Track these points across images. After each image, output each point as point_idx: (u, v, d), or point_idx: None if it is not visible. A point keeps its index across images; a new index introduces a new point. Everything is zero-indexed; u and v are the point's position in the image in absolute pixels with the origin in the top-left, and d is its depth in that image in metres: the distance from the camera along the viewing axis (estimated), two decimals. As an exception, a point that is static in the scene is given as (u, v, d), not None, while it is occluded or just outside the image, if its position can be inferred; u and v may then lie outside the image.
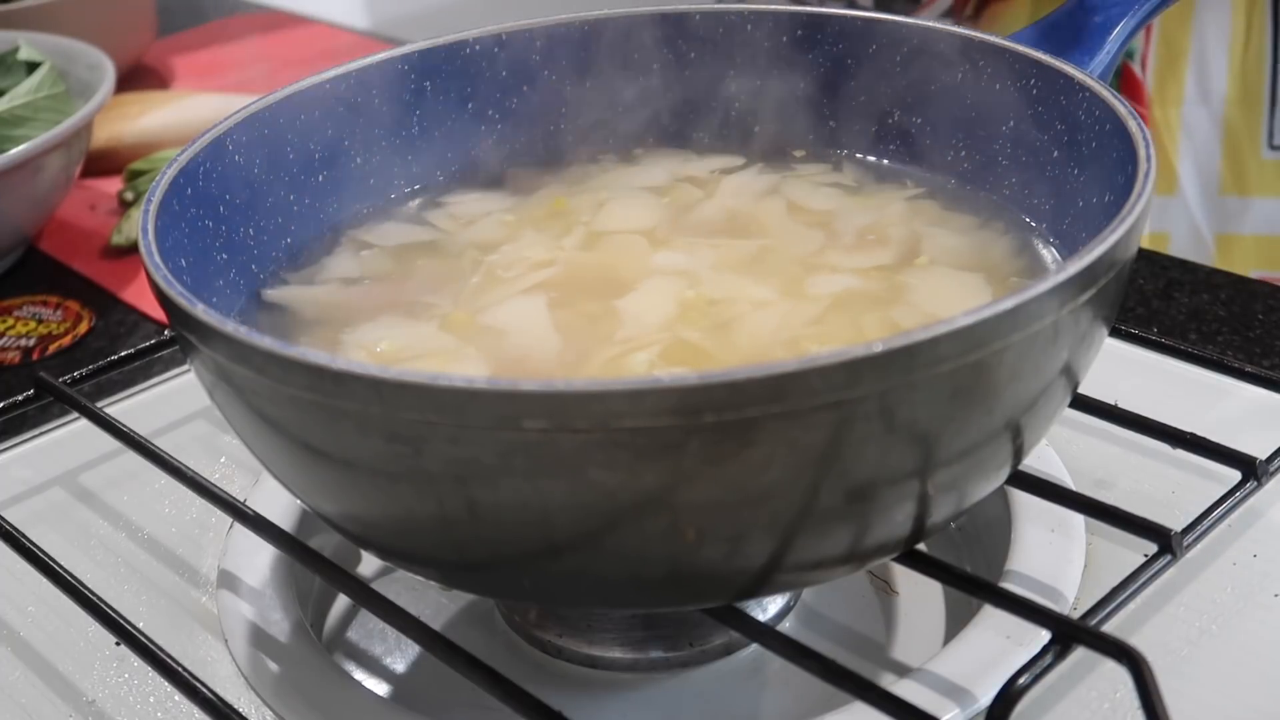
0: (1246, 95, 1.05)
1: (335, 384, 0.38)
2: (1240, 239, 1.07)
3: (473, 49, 0.63)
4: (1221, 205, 1.07)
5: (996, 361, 0.39)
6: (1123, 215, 0.42)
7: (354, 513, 0.45)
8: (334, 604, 0.61)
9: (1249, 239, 1.07)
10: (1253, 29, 1.04)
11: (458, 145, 0.64)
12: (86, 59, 1.00)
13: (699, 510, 0.39)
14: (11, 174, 0.86)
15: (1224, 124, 1.06)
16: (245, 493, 0.62)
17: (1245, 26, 1.04)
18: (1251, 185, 1.06)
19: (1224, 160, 1.06)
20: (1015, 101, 0.56)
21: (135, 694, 0.53)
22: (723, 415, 0.37)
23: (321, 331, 0.53)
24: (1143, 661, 0.42)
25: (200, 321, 0.41)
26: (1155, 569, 0.50)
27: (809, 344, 0.49)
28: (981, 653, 0.49)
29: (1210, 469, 0.57)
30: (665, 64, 0.64)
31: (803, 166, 0.63)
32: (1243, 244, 1.07)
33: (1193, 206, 1.06)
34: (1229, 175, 1.07)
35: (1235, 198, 1.06)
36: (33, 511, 0.64)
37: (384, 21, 2.79)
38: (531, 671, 0.55)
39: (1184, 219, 1.07)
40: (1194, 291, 0.76)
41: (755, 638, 0.48)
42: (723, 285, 0.53)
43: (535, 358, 0.49)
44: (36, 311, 0.87)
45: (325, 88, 0.59)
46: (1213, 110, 1.06)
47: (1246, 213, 1.07)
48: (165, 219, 0.49)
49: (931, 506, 0.43)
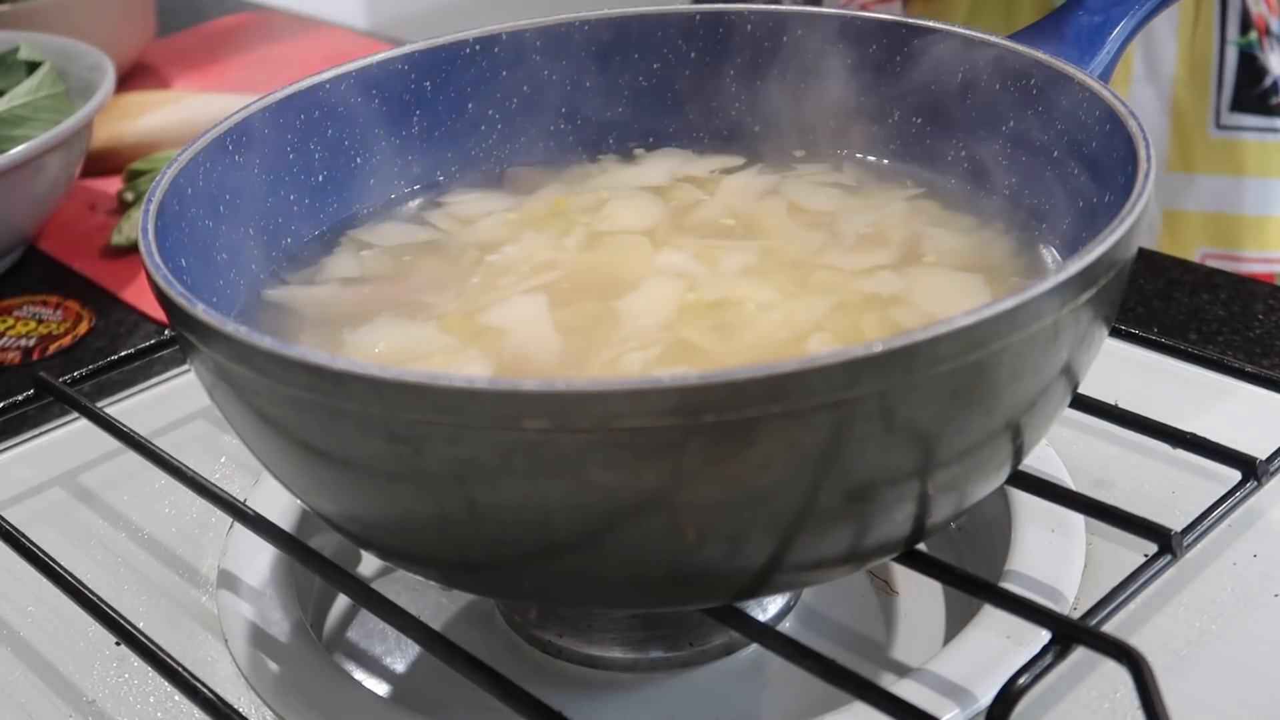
0: (1195, 76, 1.07)
1: (335, 384, 0.38)
2: (1187, 215, 1.09)
3: (473, 49, 0.63)
4: (1169, 181, 1.09)
5: (996, 361, 0.39)
6: (1123, 215, 0.42)
7: (354, 513, 0.45)
8: (334, 604, 0.61)
9: (1195, 215, 1.09)
10: (1201, 11, 1.06)
11: (458, 145, 0.64)
12: (86, 59, 1.00)
13: (699, 510, 0.39)
14: (11, 174, 0.86)
15: (1172, 103, 1.07)
16: (245, 493, 0.62)
17: (1194, 8, 1.06)
18: (1198, 163, 1.08)
19: (1172, 138, 1.08)
20: (1015, 101, 0.56)
21: (135, 694, 0.53)
22: (723, 415, 0.37)
23: (322, 331, 0.53)
24: (1143, 661, 0.42)
25: (200, 321, 0.41)
26: (1155, 569, 0.50)
27: (809, 344, 0.49)
28: (981, 653, 0.49)
29: (1210, 469, 0.57)
30: (665, 63, 0.64)
31: (803, 166, 0.63)
32: (1189, 220, 1.09)
33: None
34: (1176, 153, 1.08)
35: (1182, 174, 1.08)
36: (33, 511, 0.64)
37: (384, 21, 2.80)
38: (531, 671, 0.55)
39: None
40: (1194, 291, 0.76)
41: (755, 638, 0.48)
42: (723, 285, 0.53)
43: (535, 358, 0.49)
44: (36, 311, 0.87)
45: (325, 88, 0.59)
46: (1161, 89, 1.07)
47: (1192, 189, 1.08)
48: (165, 219, 0.49)
49: (931, 506, 0.43)
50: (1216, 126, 1.07)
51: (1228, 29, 1.05)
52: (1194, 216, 1.09)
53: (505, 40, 0.63)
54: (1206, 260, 1.09)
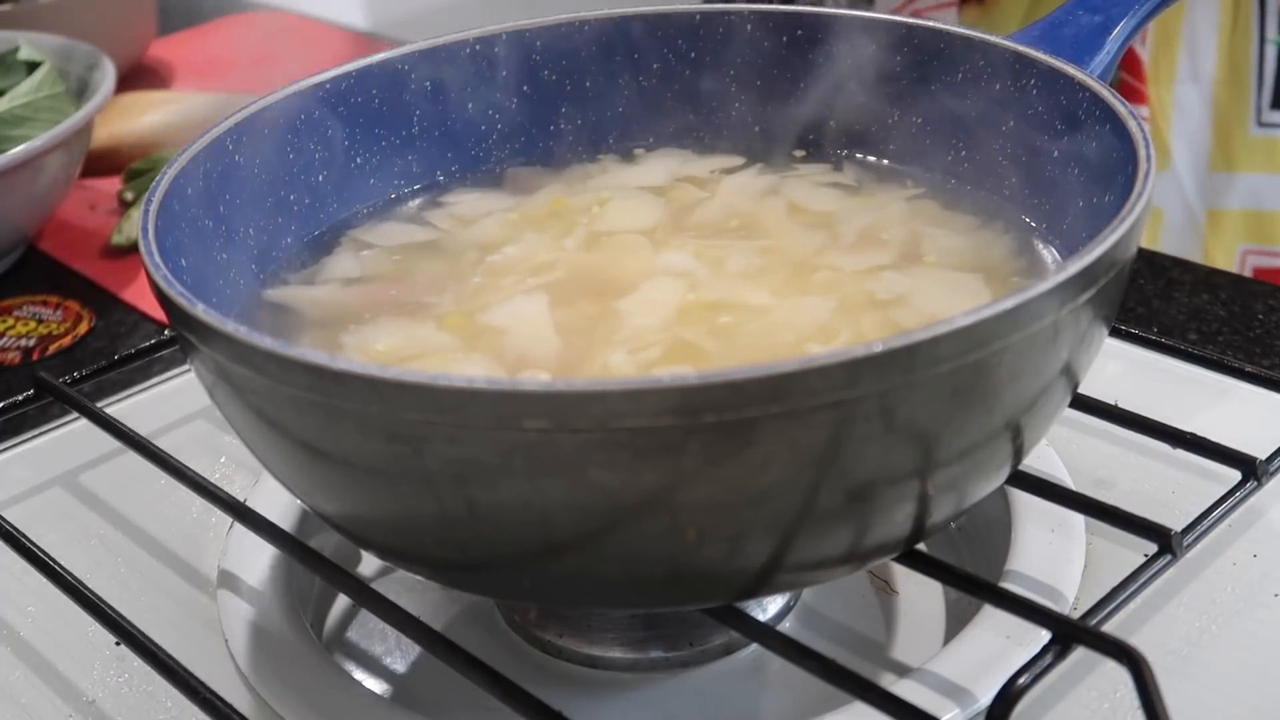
0: (1234, 75, 1.08)
1: (335, 384, 0.38)
2: (1229, 214, 1.10)
3: (473, 49, 0.63)
4: (1212, 181, 1.10)
5: (996, 361, 0.39)
6: (1123, 215, 0.42)
7: (354, 512, 0.45)
8: (334, 604, 0.61)
9: (1236, 214, 1.10)
10: (1240, 10, 1.06)
11: (458, 145, 0.64)
12: (86, 59, 1.00)
13: (699, 510, 0.39)
14: (11, 174, 0.86)
15: (1214, 103, 1.08)
16: (245, 493, 0.62)
17: (1233, 7, 1.06)
18: (1240, 161, 1.09)
19: (1214, 137, 1.09)
20: (1015, 101, 0.56)
21: (135, 694, 0.53)
22: (723, 415, 0.37)
23: (322, 331, 0.53)
24: (1143, 661, 0.42)
25: (200, 321, 0.41)
26: (1155, 569, 0.50)
27: (809, 344, 0.49)
28: (981, 653, 0.49)
29: (1210, 469, 0.57)
30: (665, 63, 0.64)
31: (803, 166, 0.63)
32: (1231, 219, 1.10)
33: (1185, 182, 1.09)
34: (1219, 152, 1.09)
35: (1225, 173, 1.09)
36: (33, 511, 0.64)
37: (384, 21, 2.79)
38: (531, 671, 0.55)
39: (1176, 195, 1.10)
40: (1194, 291, 0.76)
41: (755, 638, 0.48)
42: (723, 285, 0.53)
43: (535, 358, 0.49)
44: (36, 311, 0.87)
45: (325, 88, 0.59)
46: (1203, 89, 1.08)
47: (1234, 188, 1.09)
48: (165, 219, 0.49)
49: (931, 506, 0.43)
50: (1258, 124, 1.08)
51: (1266, 28, 1.06)
52: (1236, 215, 1.10)
53: (505, 40, 0.63)
54: (1248, 258, 1.10)
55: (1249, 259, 1.10)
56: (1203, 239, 1.10)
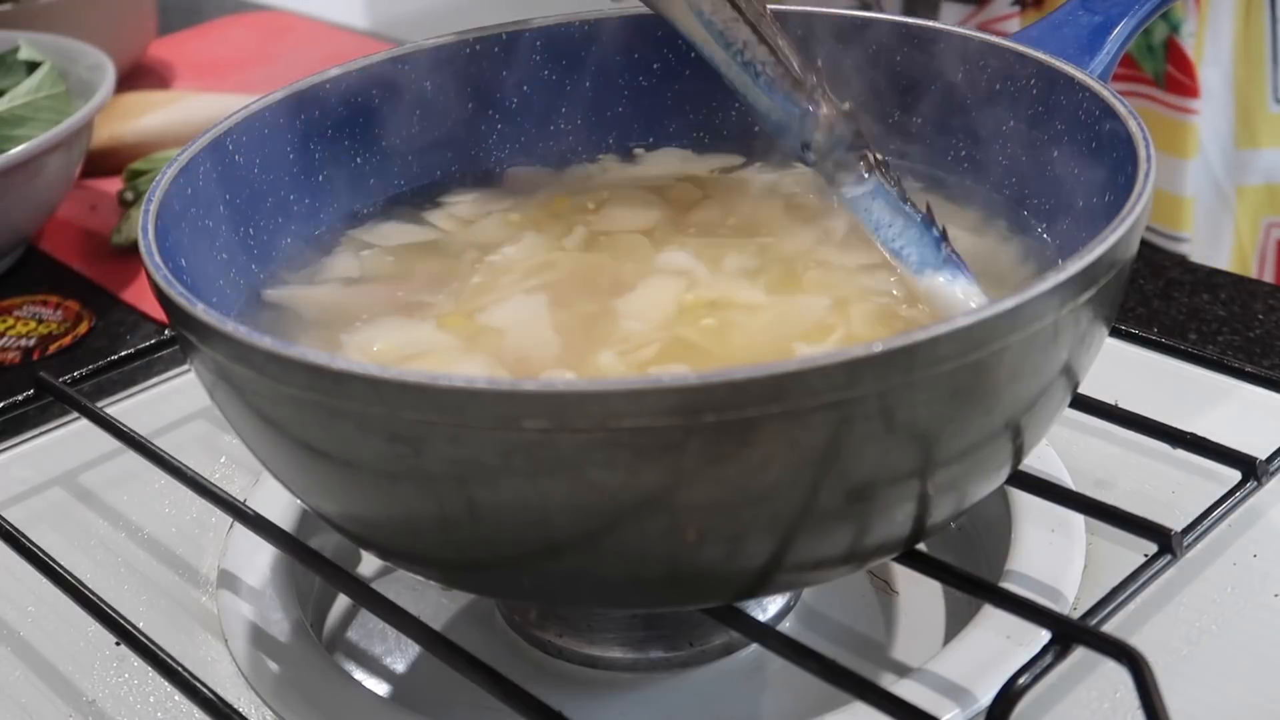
0: (1251, 53, 1.10)
1: (335, 384, 0.38)
2: (1254, 189, 1.12)
3: (473, 49, 0.63)
4: (1238, 158, 1.12)
5: (996, 361, 0.39)
6: (1123, 215, 0.42)
7: (354, 513, 0.45)
8: (334, 604, 0.61)
9: (1261, 188, 1.12)
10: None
11: (458, 145, 0.64)
12: (86, 59, 1.00)
13: (699, 510, 0.39)
14: (11, 174, 0.86)
15: (1234, 81, 1.11)
16: (245, 493, 0.62)
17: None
18: (1262, 137, 1.11)
19: (1237, 116, 1.11)
20: (1015, 101, 0.56)
21: (135, 694, 0.53)
22: (723, 415, 0.37)
23: (321, 331, 0.53)
24: (1143, 661, 0.42)
25: (200, 321, 0.41)
26: (1155, 569, 0.50)
27: (808, 344, 0.49)
28: (981, 653, 0.49)
29: (1210, 469, 0.57)
30: (665, 63, 0.64)
31: (802, 166, 0.62)
32: (1256, 193, 1.12)
33: (1214, 164, 1.11)
34: (1242, 130, 1.12)
35: (1249, 150, 1.12)
36: (33, 511, 0.64)
37: (384, 21, 2.79)
38: (531, 671, 0.55)
39: (1208, 179, 1.12)
40: (1194, 291, 0.76)
41: (755, 638, 0.48)
42: (723, 285, 0.53)
43: (535, 358, 0.49)
44: (36, 311, 0.87)
45: (325, 88, 0.59)
46: (1223, 70, 1.10)
47: (1258, 163, 1.12)
48: (165, 219, 0.49)
49: (931, 506, 0.43)
50: (1275, 101, 1.10)
51: (1278, 7, 1.08)
52: (1260, 190, 1.12)
53: (505, 40, 0.63)
54: (1271, 230, 1.12)
55: (1273, 231, 1.12)
56: (1235, 217, 1.11)
